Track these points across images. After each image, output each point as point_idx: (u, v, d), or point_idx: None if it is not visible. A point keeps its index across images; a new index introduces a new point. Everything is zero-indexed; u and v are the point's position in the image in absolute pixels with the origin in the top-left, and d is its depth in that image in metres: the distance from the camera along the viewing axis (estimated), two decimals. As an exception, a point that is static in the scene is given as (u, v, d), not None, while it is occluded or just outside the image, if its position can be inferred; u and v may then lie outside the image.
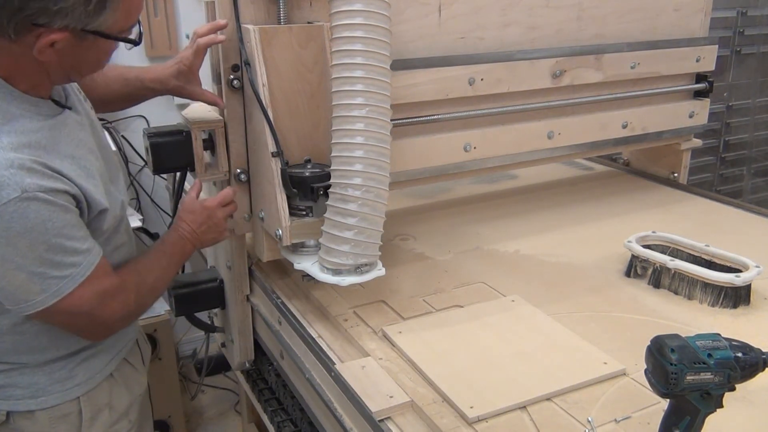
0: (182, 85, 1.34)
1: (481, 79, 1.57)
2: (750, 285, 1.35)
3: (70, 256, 1.02)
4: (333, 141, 1.21)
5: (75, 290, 1.04)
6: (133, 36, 1.07)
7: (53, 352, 1.16)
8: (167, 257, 1.26)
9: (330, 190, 1.22)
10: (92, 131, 1.18)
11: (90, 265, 1.05)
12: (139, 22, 1.06)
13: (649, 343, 0.87)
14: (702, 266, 1.39)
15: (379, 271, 1.28)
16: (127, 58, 2.43)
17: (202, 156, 1.37)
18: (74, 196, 1.04)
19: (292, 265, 1.33)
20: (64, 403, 1.18)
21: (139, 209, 2.57)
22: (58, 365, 1.17)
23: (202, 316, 1.73)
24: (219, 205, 1.32)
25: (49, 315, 1.05)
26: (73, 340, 1.17)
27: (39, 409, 1.16)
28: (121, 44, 1.06)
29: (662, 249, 1.49)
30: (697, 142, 2.07)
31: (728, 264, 1.41)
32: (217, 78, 1.37)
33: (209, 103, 1.37)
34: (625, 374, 1.12)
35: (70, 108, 1.12)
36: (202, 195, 1.37)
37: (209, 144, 1.38)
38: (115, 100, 1.39)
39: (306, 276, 1.31)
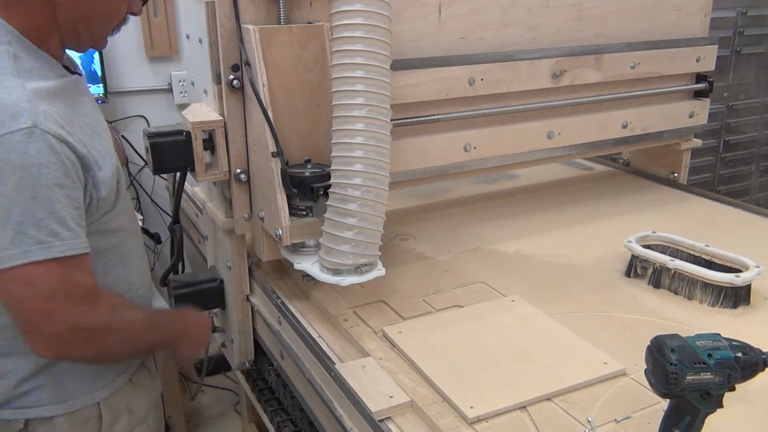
0: None
1: (481, 79, 1.57)
2: (750, 285, 1.35)
3: (53, 222, 0.94)
4: (333, 141, 1.21)
5: (44, 262, 0.94)
6: (135, 10, 1.09)
7: None
8: (156, 319, 1.22)
9: (330, 190, 1.22)
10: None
11: (72, 247, 0.97)
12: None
13: (649, 343, 0.87)
14: (702, 266, 1.39)
15: (379, 271, 1.28)
16: (127, 58, 2.45)
17: (202, 156, 1.37)
18: (81, 158, 0.99)
19: (292, 265, 1.33)
20: (86, 408, 1.15)
21: (139, 209, 2.57)
22: (83, 367, 1.13)
23: (202, 316, 1.73)
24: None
25: (8, 278, 0.95)
26: None
27: (59, 415, 1.12)
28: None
29: (662, 249, 1.49)
30: (697, 142, 2.07)
31: (728, 264, 1.41)
32: (217, 78, 1.37)
33: None
34: (625, 374, 1.12)
35: (80, 74, 1.12)
36: (203, 195, 1.37)
37: (209, 144, 1.38)
38: None
39: (306, 276, 1.31)
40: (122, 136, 2.48)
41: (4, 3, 0.97)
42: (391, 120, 1.22)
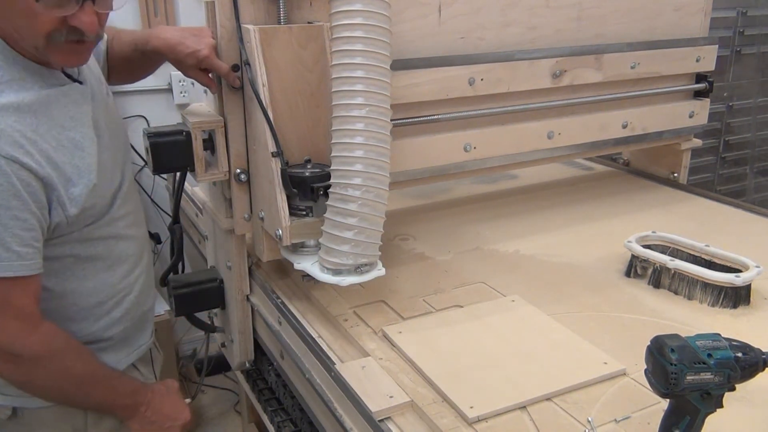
0: (188, 63, 1.29)
1: (481, 79, 1.57)
2: (750, 285, 1.35)
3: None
4: (333, 141, 1.21)
5: None
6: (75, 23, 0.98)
7: None
8: (108, 380, 1.16)
9: (330, 190, 1.22)
10: (98, 105, 1.16)
11: (10, 269, 0.97)
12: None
13: (649, 343, 0.87)
14: (702, 266, 1.39)
15: (379, 271, 1.28)
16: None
17: (202, 156, 1.37)
18: (41, 178, 0.98)
19: (292, 265, 1.33)
20: None
21: (139, 209, 2.57)
22: None
23: (202, 316, 1.73)
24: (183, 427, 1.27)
25: None
26: (84, 333, 1.14)
27: (45, 407, 1.13)
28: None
29: (662, 249, 1.49)
30: (697, 142, 2.07)
31: (728, 264, 1.41)
32: (217, 78, 1.37)
33: (203, 84, 1.35)
34: (625, 374, 1.12)
35: (81, 82, 1.09)
36: (203, 195, 1.37)
37: (209, 144, 1.38)
38: (125, 69, 1.36)
39: (306, 276, 1.31)
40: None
41: None
42: (391, 120, 1.22)
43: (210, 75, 1.34)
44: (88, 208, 1.10)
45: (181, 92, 2.56)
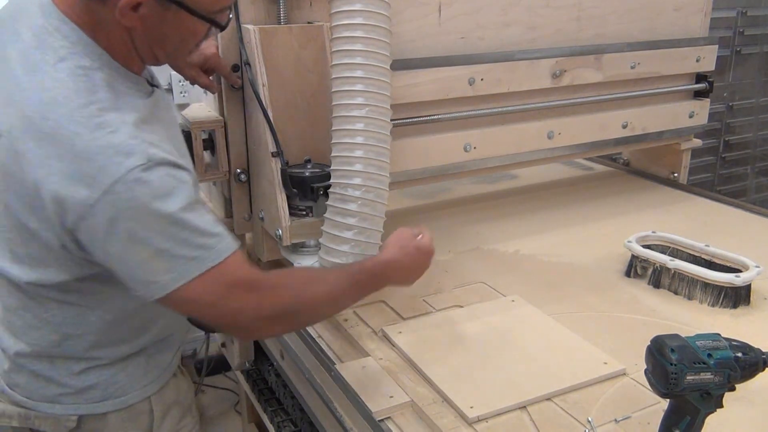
0: (193, 61, 1.29)
1: (481, 79, 1.57)
2: (750, 285, 1.35)
3: (198, 237, 0.94)
4: (333, 141, 1.21)
5: (203, 275, 0.93)
6: (222, 22, 1.00)
7: (131, 346, 1.10)
8: (348, 277, 1.11)
9: (330, 190, 1.22)
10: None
11: (223, 251, 0.96)
12: (232, 9, 1.01)
13: (649, 343, 0.87)
14: (702, 266, 1.39)
15: (380, 271, 1.28)
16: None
17: (202, 156, 1.37)
18: (190, 173, 0.98)
19: (292, 265, 1.33)
20: (138, 403, 1.13)
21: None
22: (134, 361, 1.11)
23: (202, 316, 1.72)
24: (429, 253, 1.19)
25: (174, 301, 0.95)
26: (147, 334, 1.12)
27: (112, 411, 1.10)
28: None
29: (662, 249, 1.49)
30: (697, 142, 2.07)
31: (728, 264, 1.41)
32: (217, 78, 1.37)
33: (202, 86, 1.35)
34: (625, 374, 1.12)
35: (158, 86, 1.09)
36: (203, 195, 1.37)
37: (209, 144, 1.38)
38: None
39: (306, 276, 1.31)
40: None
41: (91, 25, 0.94)
42: (391, 120, 1.22)
43: (211, 77, 1.34)
44: None
45: (181, 92, 2.56)
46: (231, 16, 1.01)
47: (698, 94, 2.00)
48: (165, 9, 0.93)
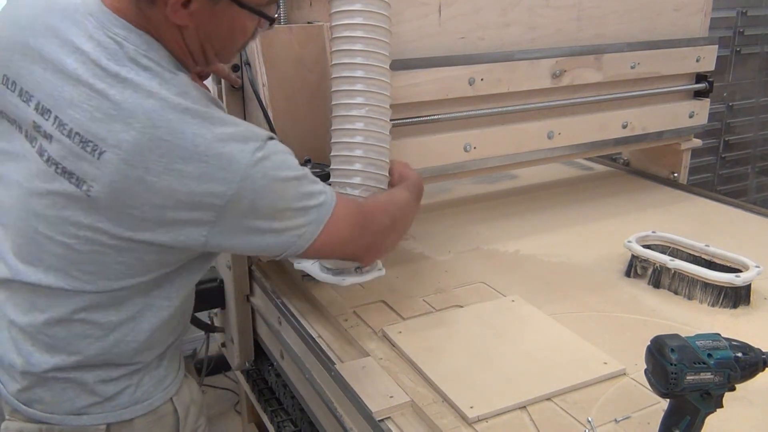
0: None
1: (481, 79, 1.57)
2: (750, 285, 1.35)
3: (314, 185, 1.01)
4: (333, 140, 1.21)
5: (334, 211, 1.01)
6: (271, 14, 1.01)
7: (162, 347, 1.10)
8: (403, 188, 1.22)
9: (330, 189, 1.22)
10: None
11: (333, 192, 1.03)
12: (279, 5, 1.03)
13: (649, 343, 0.87)
14: (702, 266, 1.39)
15: (379, 271, 1.28)
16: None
17: (202, 156, 1.37)
18: None
19: (292, 265, 1.33)
20: (163, 405, 1.12)
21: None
22: (154, 364, 1.11)
23: (202, 316, 1.73)
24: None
25: (315, 249, 1.01)
26: (174, 334, 1.12)
27: (139, 416, 1.10)
28: None
29: (662, 249, 1.49)
30: (697, 142, 2.07)
31: (728, 264, 1.41)
32: (217, 78, 1.37)
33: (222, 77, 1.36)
34: (625, 374, 1.12)
35: None
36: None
37: (209, 144, 1.38)
38: None
39: (306, 276, 1.31)
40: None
41: (147, 29, 0.94)
42: (391, 120, 1.22)
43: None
44: None
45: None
46: (279, 11, 1.03)
47: (698, 94, 1.99)
48: (215, 3, 0.93)
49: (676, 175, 2.08)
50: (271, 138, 0.97)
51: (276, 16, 1.03)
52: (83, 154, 0.89)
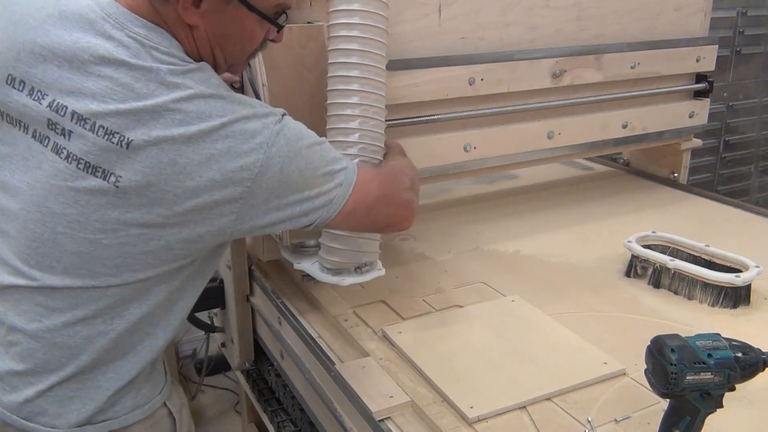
0: None
1: (481, 79, 1.57)
2: (750, 285, 1.35)
3: (335, 151, 1.05)
4: (328, 139, 1.21)
5: (359, 173, 1.04)
6: (272, 37, 1.05)
7: (162, 348, 1.09)
8: (403, 154, 1.27)
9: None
10: None
11: (357, 167, 1.07)
12: (285, 14, 1.03)
13: (649, 343, 0.87)
14: (702, 266, 1.39)
15: (379, 271, 1.28)
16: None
17: (202, 156, 1.37)
18: None
19: (292, 265, 1.33)
20: (159, 408, 1.12)
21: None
22: (149, 367, 1.10)
23: (202, 316, 1.73)
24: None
25: (353, 209, 1.04)
26: (173, 334, 1.10)
27: (138, 421, 1.09)
28: None
29: (662, 249, 1.49)
30: (697, 142, 2.07)
31: (728, 264, 1.41)
32: (217, 78, 1.37)
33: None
34: (625, 374, 1.12)
35: None
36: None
37: (209, 144, 1.38)
38: None
39: (306, 276, 1.31)
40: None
41: (162, 26, 0.95)
42: (391, 120, 1.23)
43: None
44: None
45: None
46: (288, 16, 1.04)
47: (698, 94, 1.99)
48: (225, 4, 0.95)
49: (676, 175, 2.08)
50: (285, 114, 1.00)
51: (284, 25, 1.04)
52: (109, 146, 0.89)
